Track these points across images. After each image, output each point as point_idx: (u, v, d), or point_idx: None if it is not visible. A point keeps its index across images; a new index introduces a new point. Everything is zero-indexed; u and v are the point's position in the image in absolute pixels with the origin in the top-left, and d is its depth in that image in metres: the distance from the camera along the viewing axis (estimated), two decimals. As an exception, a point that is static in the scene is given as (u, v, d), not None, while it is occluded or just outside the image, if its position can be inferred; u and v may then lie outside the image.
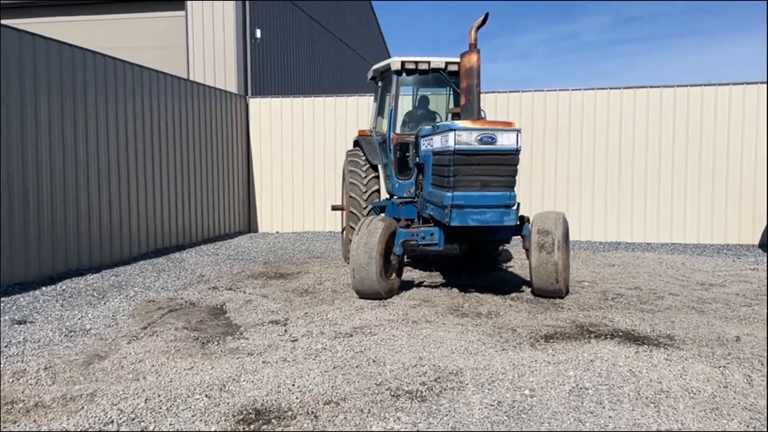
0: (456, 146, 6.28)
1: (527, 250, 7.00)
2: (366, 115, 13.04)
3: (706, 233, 11.81)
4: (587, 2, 76.27)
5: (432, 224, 7.19)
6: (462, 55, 6.78)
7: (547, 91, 12.36)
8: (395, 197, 8.70)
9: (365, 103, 13.23)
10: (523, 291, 7.26)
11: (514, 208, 6.48)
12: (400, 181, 8.41)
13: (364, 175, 8.70)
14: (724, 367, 4.44)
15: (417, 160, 7.69)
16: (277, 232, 13.62)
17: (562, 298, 6.83)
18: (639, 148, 11.98)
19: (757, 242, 11.60)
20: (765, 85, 11.40)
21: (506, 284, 7.72)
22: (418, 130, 7.71)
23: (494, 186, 6.41)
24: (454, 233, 6.93)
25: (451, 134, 6.32)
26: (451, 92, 8.82)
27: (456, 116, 7.49)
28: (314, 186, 13.56)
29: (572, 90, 12.27)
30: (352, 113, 13.35)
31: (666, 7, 72.78)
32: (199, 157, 11.86)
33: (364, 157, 8.90)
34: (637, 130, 11.96)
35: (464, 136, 6.29)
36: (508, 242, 7.57)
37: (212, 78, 14.17)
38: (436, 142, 6.81)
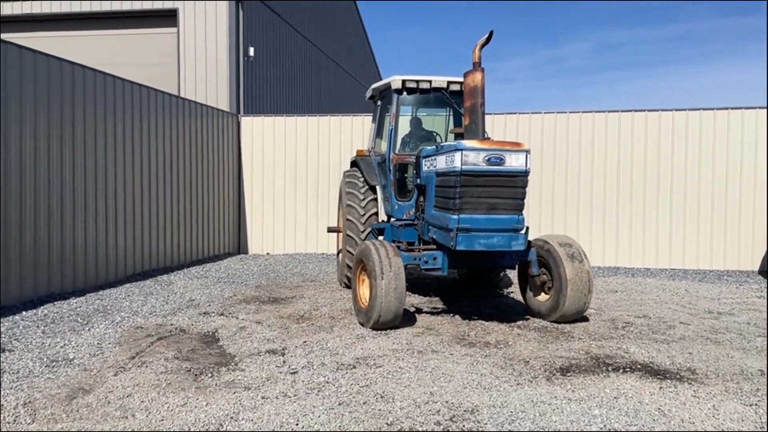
0: (462, 167, 6.03)
1: (533, 277, 6.76)
2: (360, 136, 12.82)
3: (705, 259, 11.64)
4: (571, 28, 77.43)
5: (435, 248, 6.89)
6: (466, 74, 6.56)
7: (545, 113, 12.22)
8: (393, 219, 8.42)
9: (360, 123, 13.01)
10: (528, 319, 6.98)
11: (523, 232, 6.22)
12: (399, 203, 8.09)
13: (362, 196, 8.40)
14: (756, 405, 4.17)
15: (418, 181, 7.42)
16: (267, 254, 13.26)
17: (587, 320, 6.71)
18: (637, 172, 11.84)
19: (756, 268, 11.45)
20: (765, 110, 11.34)
21: (511, 311, 7.44)
22: (420, 150, 7.45)
23: (502, 209, 6.17)
24: (458, 258, 6.62)
25: (458, 154, 6.06)
26: (452, 112, 8.61)
27: (459, 136, 7.25)
28: (306, 207, 13.25)
29: (570, 113, 12.14)
30: (346, 133, 13.12)
31: (648, 35, 74.01)
32: (189, 175, 11.52)
33: (362, 178, 8.62)
34: (635, 153, 11.83)
35: (471, 156, 6.04)
36: (513, 268, 7.28)
37: (204, 96, 13.89)
38: (440, 163, 6.55)
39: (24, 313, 6.90)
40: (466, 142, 6.15)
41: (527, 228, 6.31)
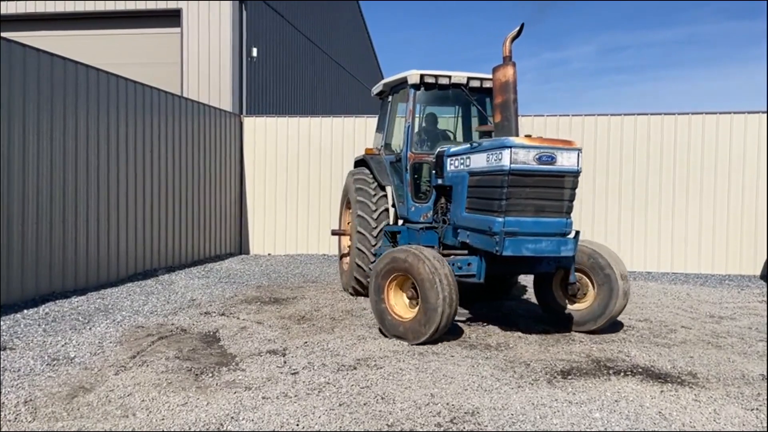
0: (512, 165, 5.59)
1: (571, 284, 6.36)
2: (362, 137, 12.82)
3: (707, 263, 11.63)
4: (575, 32, 77.49)
5: (466, 252, 6.40)
6: (495, 69, 6.26)
7: (548, 116, 12.24)
8: (401, 221, 8.11)
9: (362, 124, 13.02)
10: (531, 320, 6.97)
11: (572, 236, 5.92)
12: (416, 205, 7.59)
13: (373, 197, 8.03)
14: (757, 409, 4.17)
15: (440, 181, 7.00)
16: (269, 255, 13.26)
17: None
18: (639, 175, 11.84)
19: (758, 273, 11.43)
20: (765, 115, 11.34)
21: (512, 313, 7.45)
22: (443, 149, 7.07)
23: (549, 211, 5.79)
24: (496, 263, 6.12)
25: (506, 152, 5.62)
26: (462, 111, 8.33)
27: (486, 135, 6.89)
28: (308, 208, 13.26)
29: (573, 115, 12.15)
30: (349, 134, 13.12)
31: (652, 38, 74.05)
32: (191, 175, 11.53)
33: (372, 178, 8.23)
34: (637, 157, 11.83)
35: (521, 154, 5.61)
36: (552, 273, 6.68)
37: (206, 96, 13.90)
38: (478, 161, 6.14)
39: (25, 311, 6.90)
40: (515, 139, 5.70)
41: (577, 232, 6.00)
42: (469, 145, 6.48)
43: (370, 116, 13.02)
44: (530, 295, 8.62)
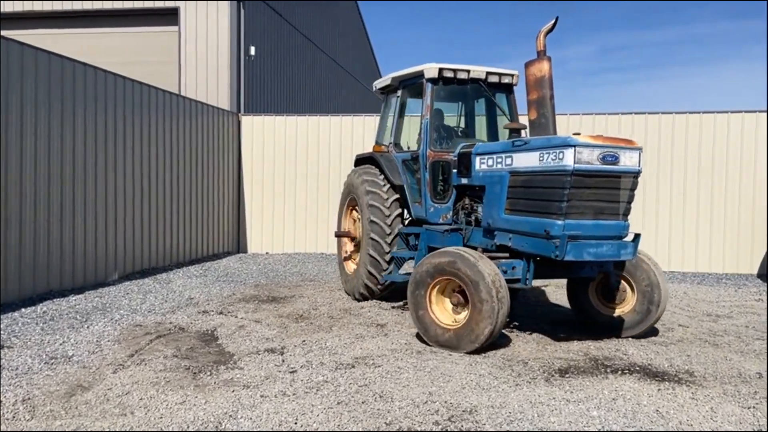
0: (575, 165, 5.32)
1: (616, 288, 6.27)
2: (360, 136, 12.82)
3: (704, 262, 11.66)
4: (574, 31, 77.56)
5: (507, 255, 6.09)
6: (528, 64, 6.09)
7: (545, 115, 12.24)
8: (407, 221, 7.97)
9: (360, 124, 13.02)
10: (529, 319, 6.99)
11: (632, 240, 5.69)
12: (435, 205, 7.23)
13: (386, 197, 7.64)
14: (754, 407, 4.18)
15: (463, 181, 6.71)
16: (267, 253, 13.26)
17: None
18: (637, 175, 11.85)
19: (755, 272, 11.47)
20: (765, 114, 11.37)
21: (510, 313, 7.44)
22: (468, 147, 6.78)
23: (608, 213, 5.54)
24: (543, 267, 5.92)
25: (569, 151, 5.33)
26: (464, 109, 8.08)
27: (515, 132, 6.75)
28: (306, 206, 13.25)
29: (570, 114, 12.17)
30: (347, 133, 13.12)
31: (650, 38, 74.18)
32: (189, 174, 11.53)
33: (383, 177, 7.84)
34: (635, 156, 11.84)
35: (585, 153, 5.34)
36: (594, 278, 6.47)
37: (204, 94, 13.88)
38: (526, 160, 5.81)
39: (23, 310, 6.90)
40: (578, 138, 5.41)
41: (637, 235, 5.77)
42: (509, 143, 6.16)
43: (368, 115, 13.03)
44: (527, 296, 8.64)
